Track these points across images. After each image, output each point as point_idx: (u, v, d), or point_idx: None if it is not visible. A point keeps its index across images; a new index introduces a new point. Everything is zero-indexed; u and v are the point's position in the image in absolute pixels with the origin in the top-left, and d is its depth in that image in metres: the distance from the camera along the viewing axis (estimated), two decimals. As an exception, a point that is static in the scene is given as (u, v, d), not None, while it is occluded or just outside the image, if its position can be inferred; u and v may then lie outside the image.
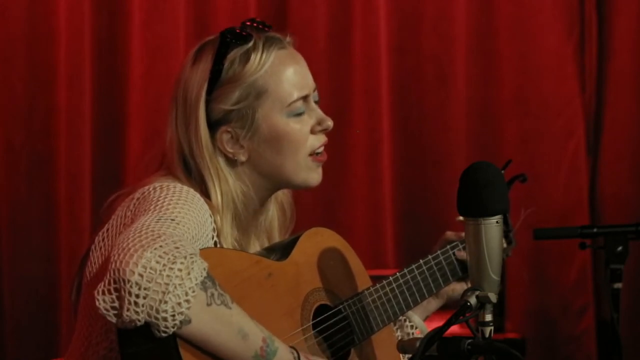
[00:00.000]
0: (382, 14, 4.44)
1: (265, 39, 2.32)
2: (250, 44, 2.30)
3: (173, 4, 4.31)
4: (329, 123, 2.34)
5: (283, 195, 2.46)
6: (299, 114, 2.32)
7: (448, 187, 4.24)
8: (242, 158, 2.30)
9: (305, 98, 2.33)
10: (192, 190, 2.21)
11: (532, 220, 2.72)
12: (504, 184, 2.08)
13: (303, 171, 2.33)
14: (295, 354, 2.10)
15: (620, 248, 2.77)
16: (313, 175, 2.34)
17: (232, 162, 2.31)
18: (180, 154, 2.29)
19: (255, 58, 2.29)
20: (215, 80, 2.28)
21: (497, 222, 2.05)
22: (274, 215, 2.43)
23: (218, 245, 2.23)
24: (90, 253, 2.20)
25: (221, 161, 2.30)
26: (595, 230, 2.87)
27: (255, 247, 2.36)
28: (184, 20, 4.33)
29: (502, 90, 4.50)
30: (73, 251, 4.17)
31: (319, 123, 2.34)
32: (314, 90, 2.36)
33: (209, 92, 2.28)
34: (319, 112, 2.35)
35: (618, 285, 2.77)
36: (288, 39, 2.36)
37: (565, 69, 4.51)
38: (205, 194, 2.26)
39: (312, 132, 2.33)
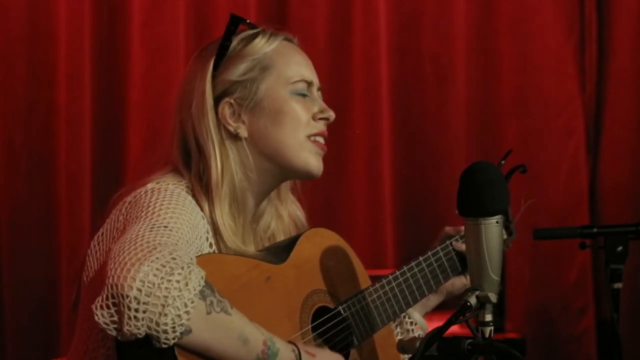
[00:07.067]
0: (382, 14, 4.44)
1: (272, 30, 2.36)
2: (259, 29, 2.35)
3: (173, 4, 4.31)
4: (331, 113, 2.35)
5: (292, 210, 2.45)
6: (302, 95, 2.32)
7: (448, 187, 4.24)
8: (244, 133, 2.30)
9: (309, 84, 2.34)
10: (183, 193, 2.21)
11: (532, 220, 2.72)
12: (504, 183, 2.07)
13: (304, 152, 2.31)
14: (297, 352, 2.10)
15: (620, 248, 2.76)
16: (313, 160, 2.32)
17: (234, 138, 2.30)
18: (181, 137, 2.30)
19: (263, 37, 2.33)
20: (222, 56, 2.30)
21: (497, 222, 2.05)
22: (276, 228, 2.42)
23: (214, 247, 2.22)
24: (87, 257, 2.20)
25: (224, 135, 2.29)
26: (595, 230, 2.86)
27: (250, 247, 2.34)
28: (184, 20, 4.32)
29: (502, 90, 4.50)
30: (73, 251, 4.17)
31: (321, 111, 2.34)
32: (318, 90, 2.37)
33: (215, 68, 2.30)
34: (321, 102, 2.36)
35: (618, 285, 2.76)
36: (295, 39, 2.39)
37: (565, 69, 4.51)
38: (206, 179, 2.24)
39: (313, 118, 2.33)
